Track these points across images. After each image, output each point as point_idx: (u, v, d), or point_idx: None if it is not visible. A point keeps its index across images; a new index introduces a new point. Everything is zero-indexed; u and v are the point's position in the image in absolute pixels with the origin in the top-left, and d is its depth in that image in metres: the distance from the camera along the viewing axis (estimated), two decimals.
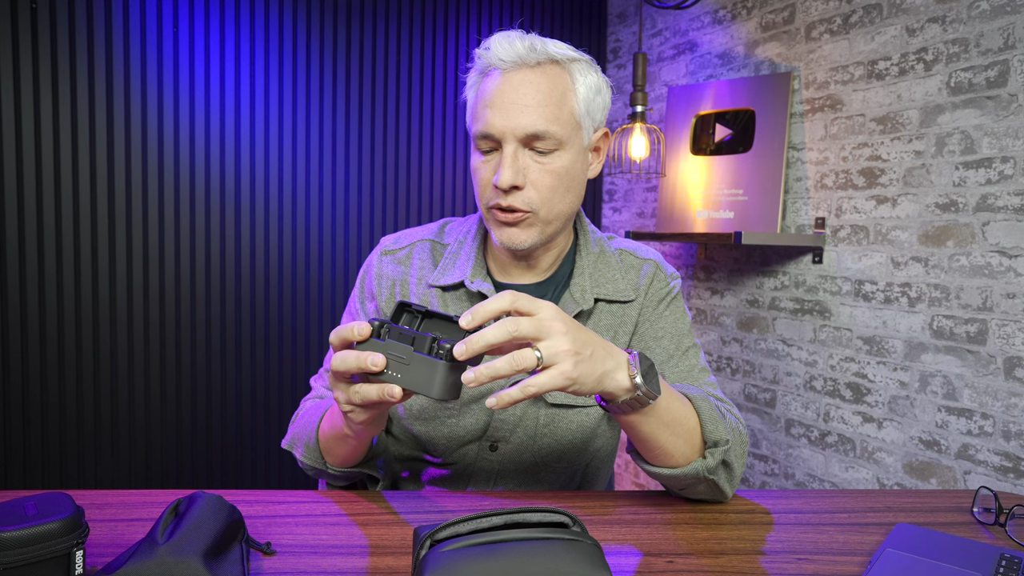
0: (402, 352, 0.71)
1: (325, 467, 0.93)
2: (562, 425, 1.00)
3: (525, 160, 0.91)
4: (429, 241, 1.05)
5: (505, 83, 0.90)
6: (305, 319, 2.49)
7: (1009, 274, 1.55)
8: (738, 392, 2.26)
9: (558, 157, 0.92)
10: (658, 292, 1.04)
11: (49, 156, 2.10)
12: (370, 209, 2.57)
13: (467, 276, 0.99)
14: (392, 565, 0.72)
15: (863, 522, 0.87)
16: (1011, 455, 1.54)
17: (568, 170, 0.93)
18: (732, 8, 2.29)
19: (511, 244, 0.94)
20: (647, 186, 2.71)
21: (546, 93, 0.90)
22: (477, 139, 0.93)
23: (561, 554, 0.60)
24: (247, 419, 2.42)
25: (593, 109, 0.95)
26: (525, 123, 0.89)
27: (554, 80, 0.91)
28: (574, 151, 0.93)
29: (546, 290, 1.03)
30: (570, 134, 0.92)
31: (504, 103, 0.89)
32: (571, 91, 0.92)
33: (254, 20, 2.35)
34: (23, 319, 2.10)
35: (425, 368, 0.70)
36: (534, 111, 0.89)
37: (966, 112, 1.63)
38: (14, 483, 2.12)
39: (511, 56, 0.90)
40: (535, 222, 0.93)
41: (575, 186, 0.95)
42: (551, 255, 1.02)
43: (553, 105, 0.90)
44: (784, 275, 2.10)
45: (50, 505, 0.63)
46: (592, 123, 0.96)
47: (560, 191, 0.93)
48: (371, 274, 1.05)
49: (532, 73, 0.91)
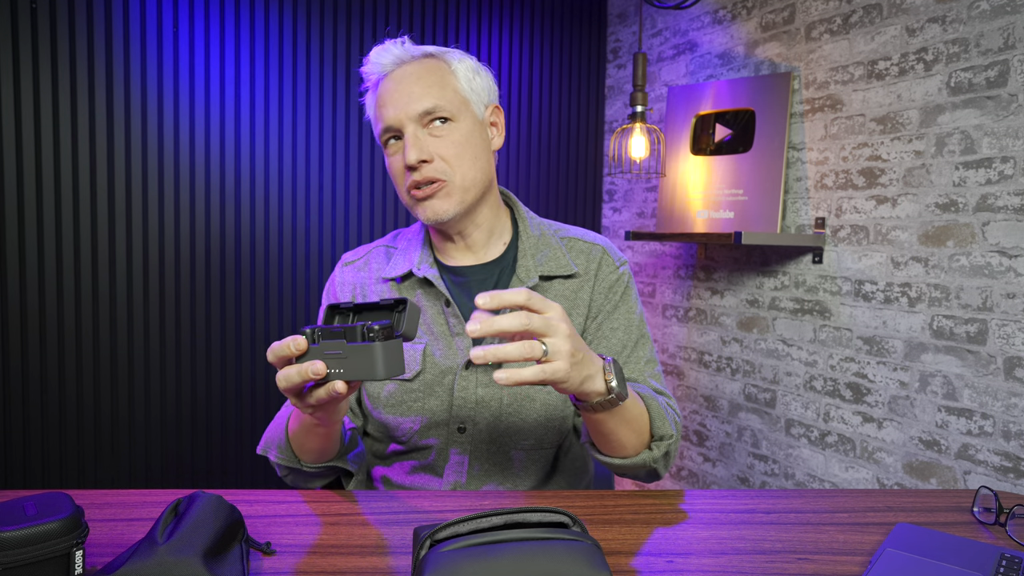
0: (338, 348, 0.74)
1: (300, 465, 0.96)
2: (526, 405, 1.04)
3: (425, 138, 1.00)
4: (384, 246, 1.16)
5: (391, 81, 1.02)
6: (305, 319, 2.49)
7: (1009, 274, 1.55)
8: (738, 392, 2.27)
9: (454, 128, 1.01)
10: (608, 277, 1.10)
11: (49, 156, 2.10)
12: (370, 209, 2.57)
13: (414, 264, 1.07)
14: (392, 565, 0.72)
15: (863, 522, 0.87)
16: (1011, 455, 1.54)
17: (467, 139, 1.02)
18: (732, 8, 2.29)
19: (435, 216, 1.02)
20: (647, 186, 2.71)
21: (427, 77, 1.01)
22: (382, 137, 1.03)
23: (561, 554, 0.60)
24: (247, 419, 2.42)
25: (476, 87, 1.05)
26: (415, 105, 0.99)
27: (432, 67, 1.02)
28: (469, 123, 1.03)
29: (492, 272, 1.08)
30: (459, 108, 1.02)
31: (394, 95, 1.00)
32: (450, 73, 1.03)
33: (254, 20, 2.35)
34: (23, 319, 2.10)
35: (363, 355, 0.73)
36: (421, 93, 0.99)
37: (966, 112, 1.63)
38: (14, 483, 2.12)
39: (390, 59, 1.02)
40: (452, 191, 1.01)
41: (481, 154, 1.03)
42: (480, 232, 1.08)
43: (436, 85, 1.01)
44: (784, 275, 2.10)
45: (50, 505, 0.63)
46: (480, 99, 1.05)
47: (467, 158, 1.01)
48: (334, 284, 1.14)
49: (412, 66, 1.02)
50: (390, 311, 0.80)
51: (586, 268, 1.09)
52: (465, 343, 1.04)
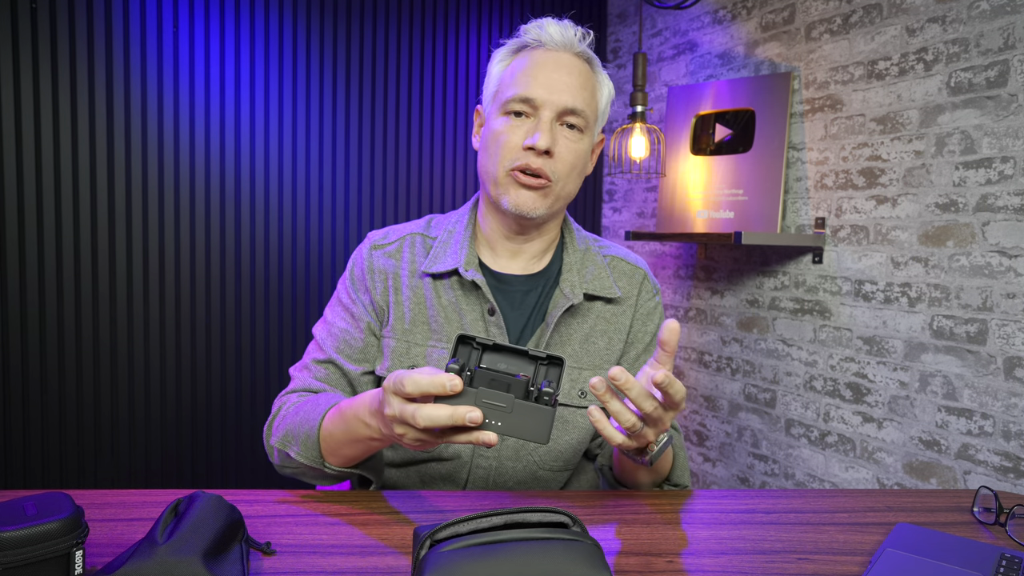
0: (501, 400, 0.70)
1: (323, 466, 0.92)
2: (560, 426, 1.01)
3: (556, 132, 0.97)
4: (419, 235, 1.07)
5: (552, 58, 0.98)
6: (305, 318, 2.49)
7: (1009, 274, 1.55)
8: (738, 392, 2.27)
9: (581, 139, 0.99)
10: (646, 303, 1.10)
11: (49, 156, 2.10)
12: (370, 208, 2.57)
13: (461, 264, 1.00)
14: (392, 565, 0.72)
15: (863, 522, 0.87)
16: (1011, 455, 1.54)
17: (584, 153, 1.01)
18: (732, 8, 2.29)
19: (525, 209, 0.97)
20: (647, 186, 2.71)
21: (585, 78, 0.99)
22: (512, 102, 0.96)
23: (561, 554, 0.60)
24: (247, 419, 2.41)
25: (604, 112, 1.04)
26: (568, 97, 0.96)
27: (590, 72, 1.01)
28: (589, 139, 1.02)
29: (536, 284, 1.04)
30: (592, 123, 1.01)
31: (550, 75, 0.96)
32: (599, 87, 1.02)
33: (254, 20, 2.35)
34: (23, 319, 2.10)
35: (532, 415, 0.70)
36: (576, 90, 0.97)
37: (966, 112, 1.63)
38: (14, 483, 2.12)
39: (562, 39, 0.98)
40: (550, 193, 0.98)
41: (581, 172, 1.02)
42: (541, 242, 1.05)
43: (588, 91, 0.99)
44: (784, 275, 2.10)
45: (50, 505, 0.63)
46: (601, 123, 1.05)
47: (577, 170, 1.00)
48: (362, 267, 1.06)
49: (576, 60, 0.99)
50: (527, 359, 0.75)
51: (628, 292, 1.08)
52: None
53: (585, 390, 1.02)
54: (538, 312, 1.03)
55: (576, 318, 1.03)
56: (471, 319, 1.00)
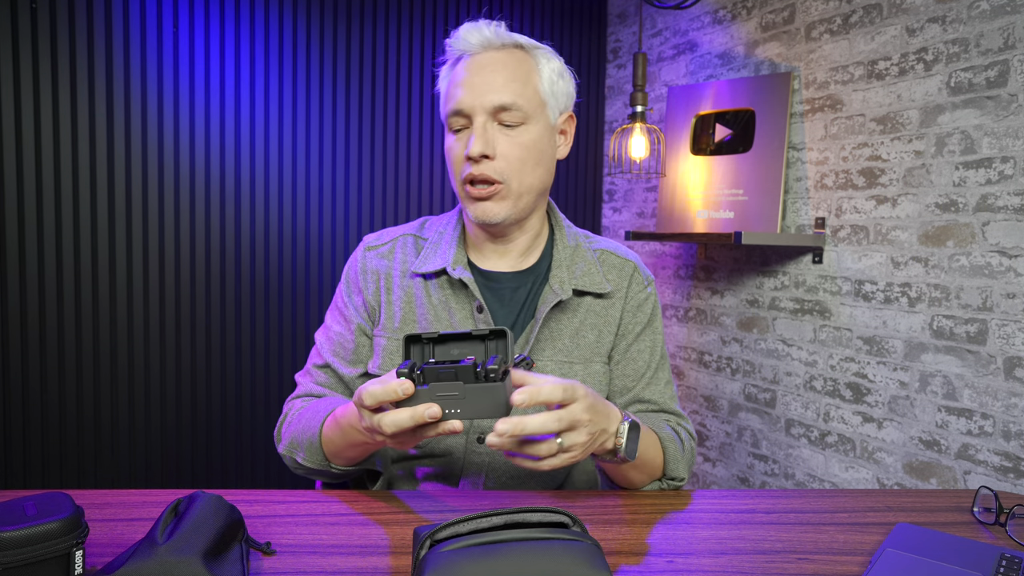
0: (453, 389, 0.73)
1: (329, 467, 0.95)
2: None
3: (494, 132, 0.96)
4: (411, 236, 1.10)
5: (474, 63, 0.97)
6: (305, 319, 2.49)
7: (1009, 274, 1.55)
8: (738, 392, 2.27)
9: (525, 131, 0.97)
10: (637, 296, 1.09)
11: (49, 156, 2.10)
12: (370, 209, 2.57)
13: (449, 263, 1.02)
14: (392, 565, 0.72)
15: (863, 522, 0.87)
16: (1011, 455, 1.54)
17: (535, 143, 0.98)
18: (732, 8, 2.29)
19: (485, 218, 0.98)
20: (647, 186, 2.71)
21: (512, 70, 0.96)
22: (449, 118, 0.99)
23: (561, 554, 0.60)
24: (247, 419, 2.42)
25: (557, 91, 1.01)
26: (493, 96, 0.95)
27: (519, 60, 0.98)
28: (540, 127, 0.99)
29: (525, 280, 1.05)
30: (535, 110, 0.98)
31: (473, 81, 0.96)
32: (535, 71, 0.99)
33: (254, 20, 2.35)
34: (23, 319, 2.10)
35: (485, 394, 0.73)
36: (501, 86, 0.95)
37: (966, 112, 1.63)
38: (14, 483, 2.12)
39: (479, 40, 0.98)
40: (507, 195, 0.97)
41: (544, 161, 1.00)
42: (525, 238, 1.05)
43: (519, 81, 0.96)
44: (784, 275, 2.10)
45: (50, 505, 0.63)
46: (557, 104, 1.01)
47: (529, 163, 0.98)
48: (356, 269, 1.09)
49: (499, 53, 0.98)
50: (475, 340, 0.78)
51: (618, 285, 1.07)
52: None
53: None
54: (528, 308, 1.04)
55: (566, 313, 1.03)
56: (460, 317, 1.02)
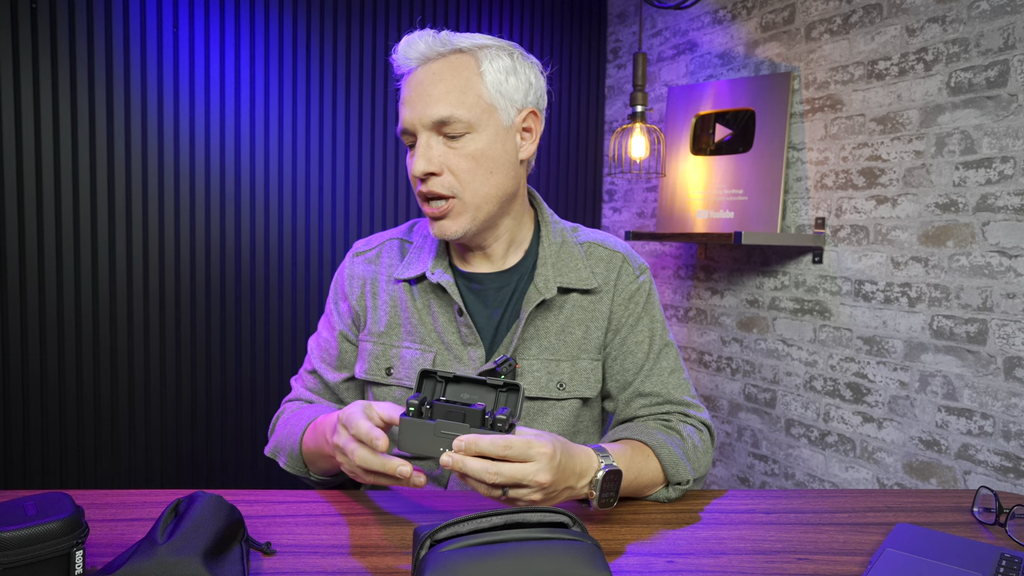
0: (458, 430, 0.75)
1: (308, 475, 0.99)
2: (538, 418, 1.01)
3: (439, 147, 0.94)
4: (398, 239, 1.10)
5: (413, 79, 0.95)
6: (305, 319, 2.49)
7: (1009, 274, 1.55)
8: (738, 392, 2.27)
9: (471, 140, 0.94)
10: (627, 287, 1.05)
11: (49, 156, 2.10)
12: (370, 208, 2.57)
13: (428, 268, 1.02)
14: (392, 565, 0.72)
15: (863, 522, 0.87)
16: (1011, 455, 1.54)
17: (484, 152, 0.94)
18: (732, 8, 2.29)
19: (443, 236, 0.97)
20: (647, 186, 2.71)
21: (448, 80, 0.93)
22: (402, 136, 0.98)
23: (561, 554, 0.60)
24: (247, 419, 2.42)
25: (507, 91, 0.96)
26: (430, 111, 0.92)
27: (457, 67, 0.94)
28: (489, 133, 0.95)
29: (509, 280, 1.04)
30: (480, 117, 0.94)
31: (412, 97, 0.94)
32: (477, 75, 0.94)
33: (254, 20, 2.35)
34: (23, 319, 2.10)
35: None
36: (437, 99, 0.92)
37: (966, 112, 1.63)
38: (14, 483, 2.12)
39: (415, 54, 0.95)
40: (463, 209, 0.95)
41: (499, 168, 0.96)
42: (502, 242, 1.03)
43: (457, 91, 0.93)
44: (784, 275, 2.10)
45: (50, 505, 0.63)
46: (510, 104, 0.96)
47: (481, 173, 0.95)
48: (343, 275, 1.10)
49: (436, 64, 0.94)
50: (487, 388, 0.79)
51: (605, 279, 1.04)
52: (477, 354, 1.00)
53: (563, 382, 1.01)
54: (512, 308, 1.03)
55: (552, 311, 1.02)
56: (444, 320, 1.01)
